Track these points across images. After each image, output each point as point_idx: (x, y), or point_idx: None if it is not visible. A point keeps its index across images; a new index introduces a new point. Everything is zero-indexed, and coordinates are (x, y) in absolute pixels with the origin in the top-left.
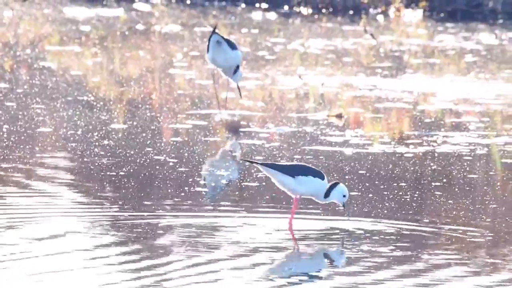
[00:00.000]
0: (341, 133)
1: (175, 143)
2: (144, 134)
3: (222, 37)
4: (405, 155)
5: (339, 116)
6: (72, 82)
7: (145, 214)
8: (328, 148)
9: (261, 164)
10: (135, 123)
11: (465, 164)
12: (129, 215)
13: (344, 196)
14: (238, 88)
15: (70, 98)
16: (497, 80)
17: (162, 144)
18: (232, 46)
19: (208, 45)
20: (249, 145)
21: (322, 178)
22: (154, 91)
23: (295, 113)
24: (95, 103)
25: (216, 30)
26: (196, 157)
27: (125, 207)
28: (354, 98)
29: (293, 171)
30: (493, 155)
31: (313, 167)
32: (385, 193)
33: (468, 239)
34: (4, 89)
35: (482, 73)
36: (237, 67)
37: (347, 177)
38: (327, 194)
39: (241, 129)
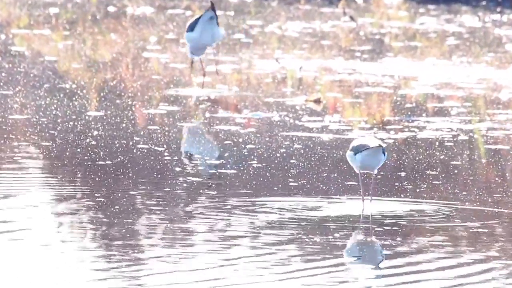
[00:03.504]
0: (320, 119)
1: (149, 128)
2: (118, 119)
3: (215, 13)
4: (386, 141)
5: (318, 101)
6: (44, 67)
7: (121, 197)
8: (306, 134)
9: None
10: (108, 108)
11: (447, 150)
12: (103, 200)
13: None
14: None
15: (41, 84)
16: (480, 63)
17: (136, 129)
18: (218, 23)
19: (192, 23)
20: (224, 131)
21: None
22: (128, 76)
23: (272, 98)
24: (67, 89)
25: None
26: (171, 142)
27: (99, 191)
28: (333, 82)
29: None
30: (476, 140)
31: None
32: (366, 180)
33: (449, 226)
34: None
35: (464, 56)
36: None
37: (325, 163)
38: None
39: (217, 114)
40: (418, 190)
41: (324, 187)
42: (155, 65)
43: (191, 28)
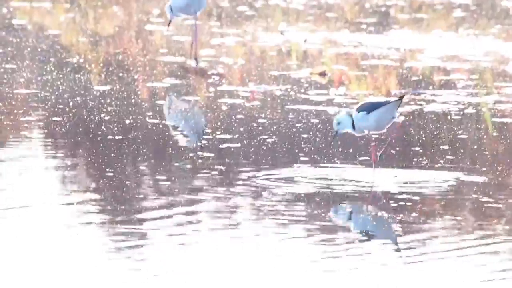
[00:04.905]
0: (325, 92)
1: (154, 102)
2: (121, 94)
3: None
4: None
5: (323, 74)
6: (47, 41)
7: (128, 171)
8: (311, 107)
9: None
10: (113, 82)
11: (454, 123)
12: (108, 176)
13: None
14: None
15: (47, 58)
16: (487, 36)
17: (139, 104)
18: None
19: None
20: (229, 104)
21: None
22: (131, 49)
23: (277, 71)
24: (72, 63)
25: None
26: (175, 116)
27: (105, 168)
28: (338, 55)
29: None
30: (483, 113)
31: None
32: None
33: (458, 200)
34: None
35: (471, 28)
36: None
37: (330, 137)
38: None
39: (221, 88)
40: (425, 162)
41: (330, 159)
42: (158, 38)
43: None
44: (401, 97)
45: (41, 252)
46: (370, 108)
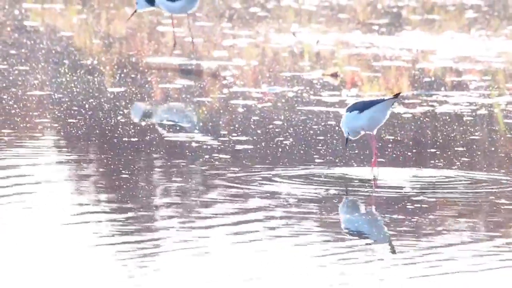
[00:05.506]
0: (337, 93)
1: (167, 103)
2: (134, 95)
3: None
4: (404, 115)
5: (335, 75)
6: (60, 42)
7: (138, 177)
8: (323, 108)
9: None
10: (126, 84)
11: (466, 124)
12: (120, 177)
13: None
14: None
15: (60, 59)
16: (499, 37)
17: (153, 105)
18: None
19: None
20: (240, 105)
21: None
22: (144, 51)
23: (289, 72)
24: (86, 64)
25: None
26: (189, 117)
27: (118, 168)
28: (350, 56)
29: None
30: (495, 115)
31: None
32: (386, 152)
33: (469, 201)
34: None
35: (483, 29)
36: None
37: (343, 137)
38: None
39: (233, 89)
40: (437, 163)
41: (344, 160)
42: (170, 39)
43: None
44: (396, 95)
45: (49, 255)
46: (362, 107)
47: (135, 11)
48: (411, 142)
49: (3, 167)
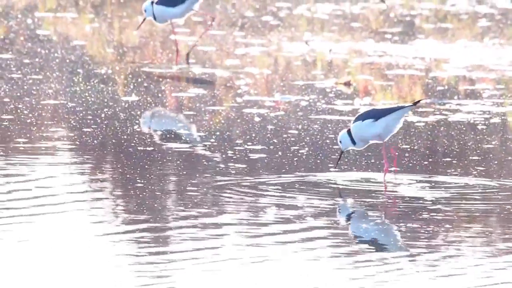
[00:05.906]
0: (350, 102)
1: (179, 112)
2: (148, 104)
3: None
4: (417, 124)
5: (348, 83)
6: (74, 51)
7: (153, 186)
8: (336, 117)
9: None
10: (138, 93)
11: (480, 133)
12: (135, 186)
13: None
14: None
15: (74, 69)
16: None
17: (166, 114)
18: None
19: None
20: (254, 114)
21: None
22: (157, 60)
23: (302, 81)
24: (100, 74)
25: None
26: (202, 126)
27: (133, 177)
28: (363, 64)
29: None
30: (509, 123)
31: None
32: (401, 161)
33: (484, 210)
34: (6, 60)
35: (496, 38)
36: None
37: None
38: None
39: (246, 98)
40: (452, 172)
41: (359, 168)
42: (182, 48)
43: (172, 4)
44: (415, 103)
45: (63, 263)
46: (377, 115)
47: (144, 19)
48: (425, 151)
49: (18, 176)
